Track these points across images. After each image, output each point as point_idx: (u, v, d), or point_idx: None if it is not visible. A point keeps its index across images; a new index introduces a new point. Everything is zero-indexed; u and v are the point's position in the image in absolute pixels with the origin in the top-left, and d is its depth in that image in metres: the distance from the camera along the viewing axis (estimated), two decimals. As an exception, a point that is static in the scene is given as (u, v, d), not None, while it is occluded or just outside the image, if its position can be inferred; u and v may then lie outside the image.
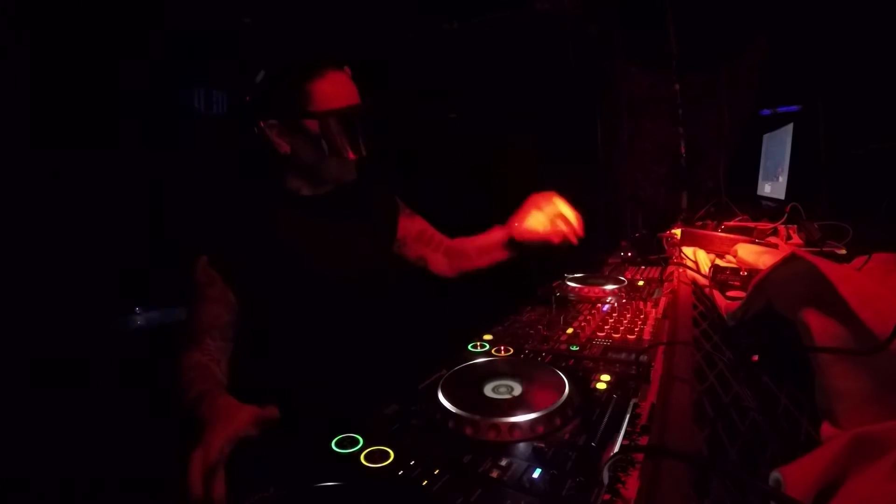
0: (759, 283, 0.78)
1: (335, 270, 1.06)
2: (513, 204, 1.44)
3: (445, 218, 1.46)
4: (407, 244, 1.28)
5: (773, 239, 1.53)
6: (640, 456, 0.53)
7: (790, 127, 1.89)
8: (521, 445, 0.58)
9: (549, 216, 1.14)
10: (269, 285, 1.02)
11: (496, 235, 1.26)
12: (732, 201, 2.14)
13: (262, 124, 0.99)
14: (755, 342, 0.80)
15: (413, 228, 1.28)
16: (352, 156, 1.02)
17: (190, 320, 0.99)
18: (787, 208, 1.59)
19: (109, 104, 2.20)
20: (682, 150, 2.90)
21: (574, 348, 0.90)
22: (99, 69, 2.15)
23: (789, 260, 0.70)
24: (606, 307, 1.17)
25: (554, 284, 1.43)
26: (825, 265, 0.61)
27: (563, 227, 1.12)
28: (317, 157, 1.01)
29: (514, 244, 1.23)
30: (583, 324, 1.04)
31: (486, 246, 1.30)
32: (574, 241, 1.07)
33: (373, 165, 1.17)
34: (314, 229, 1.07)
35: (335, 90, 0.98)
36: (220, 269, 0.99)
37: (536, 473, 0.52)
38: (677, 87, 2.84)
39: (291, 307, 1.03)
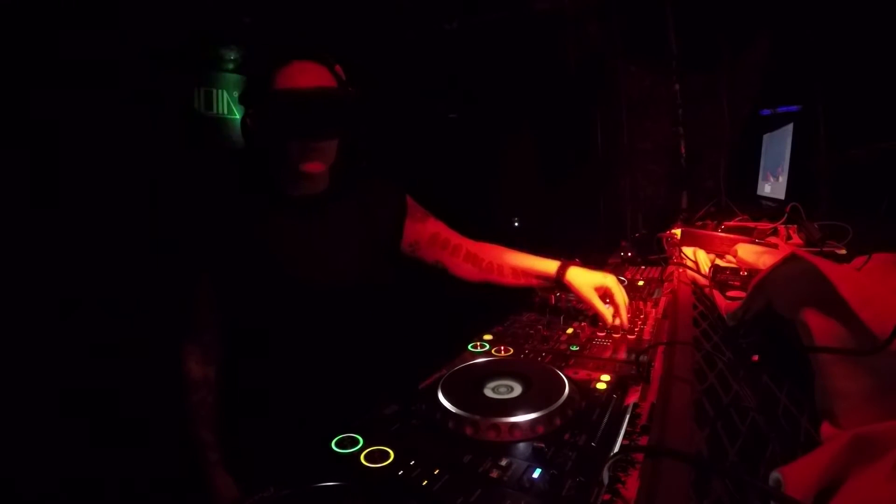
0: (759, 283, 0.78)
1: (323, 274, 1.05)
2: (512, 203, 1.43)
3: (444, 217, 1.45)
4: (421, 248, 1.22)
5: (773, 239, 1.53)
6: (640, 456, 0.53)
7: (790, 127, 1.89)
8: (521, 445, 0.58)
9: (601, 287, 1.06)
10: (257, 289, 1.02)
11: (547, 267, 1.15)
12: (732, 201, 2.14)
13: (245, 116, 1.00)
14: (755, 342, 0.80)
15: (425, 232, 1.21)
16: (300, 141, 0.97)
17: (188, 313, 1.05)
18: (787, 208, 1.59)
19: (108, 103, 2.21)
20: (682, 150, 2.90)
21: (574, 348, 0.90)
22: (98, 68, 2.16)
23: (789, 260, 0.70)
24: (607, 307, 1.17)
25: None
26: (825, 265, 0.61)
27: (602, 307, 1.03)
28: (270, 142, 0.99)
29: (558, 285, 1.14)
30: (583, 324, 1.04)
31: (530, 270, 1.19)
32: (609, 324, 1.00)
33: (371, 166, 1.16)
34: (302, 232, 1.06)
35: (293, 75, 0.96)
36: (209, 271, 1.03)
37: (536, 473, 0.52)
38: (677, 87, 2.84)
39: (283, 310, 1.03)
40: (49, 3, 1.98)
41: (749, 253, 1.32)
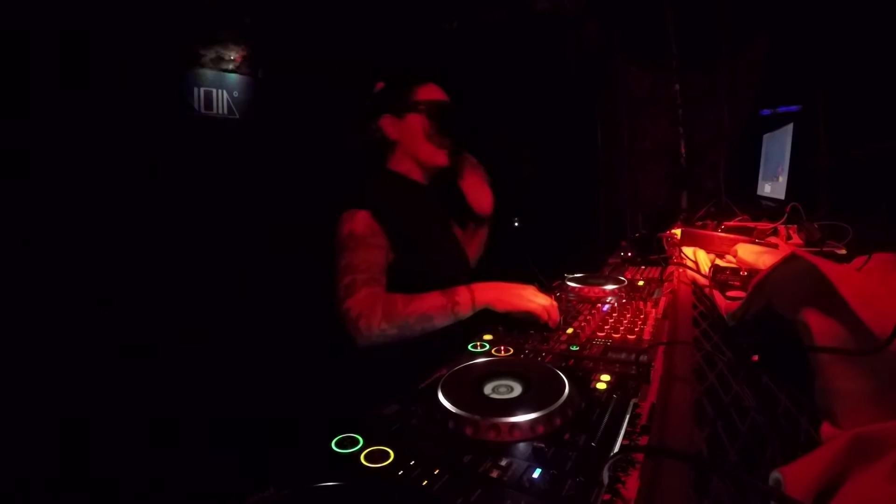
0: (759, 283, 0.78)
1: (447, 244, 1.34)
2: (513, 203, 1.47)
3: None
4: None
5: (773, 239, 1.53)
6: (640, 456, 0.53)
7: (790, 127, 1.89)
8: (521, 445, 0.58)
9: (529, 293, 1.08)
10: (404, 249, 1.19)
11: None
12: (732, 201, 2.14)
13: (379, 120, 1.30)
14: (755, 342, 0.80)
15: None
16: (440, 138, 1.32)
17: (361, 264, 1.10)
18: (787, 208, 1.59)
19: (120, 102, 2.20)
20: (682, 150, 2.90)
21: (574, 348, 0.90)
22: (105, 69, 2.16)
23: (789, 260, 0.70)
24: (606, 307, 1.17)
25: (554, 284, 1.43)
26: (825, 265, 0.61)
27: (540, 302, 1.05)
28: (414, 140, 1.31)
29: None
30: (583, 324, 1.04)
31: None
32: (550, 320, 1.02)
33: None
34: (428, 209, 1.35)
35: (433, 93, 1.34)
36: (382, 221, 1.16)
37: (536, 473, 0.52)
38: (677, 87, 2.84)
39: (414, 281, 1.14)
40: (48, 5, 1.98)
41: (749, 253, 1.32)
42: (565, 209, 3.20)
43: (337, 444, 0.58)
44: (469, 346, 0.93)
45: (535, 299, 1.03)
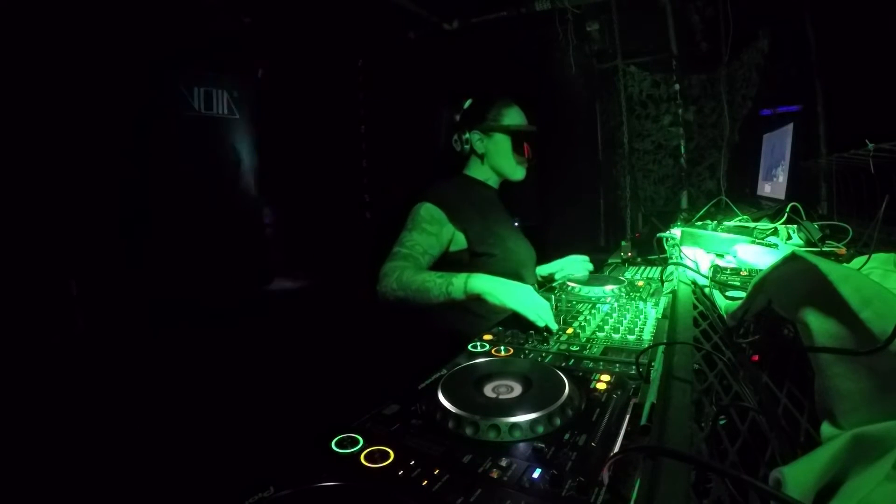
0: (759, 283, 0.78)
1: (514, 243, 1.46)
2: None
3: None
4: None
5: (773, 239, 1.53)
6: (640, 456, 0.53)
7: (790, 127, 1.89)
8: (521, 445, 0.58)
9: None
10: (479, 235, 1.37)
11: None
12: (732, 201, 2.14)
13: (467, 134, 1.48)
14: (755, 342, 0.80)
15: None
16: (522, 156, 1.49)
17: (409, 241, 1.29)
18: (787, 208, 1.59)
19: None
20: (682, 150, 2.90)
21: (574, 348, 0.90)
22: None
23: (789, 260, 0.69)
24: (606, 307, 1.17)
25: (554, 284, 1.43)
26: (825, 265, 0.61)
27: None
28: (500, 156, 1.49)
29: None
30: (583, 324, 1.04)
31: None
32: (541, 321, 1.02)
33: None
34: (502, 213, 1.53)
35: (519, 118, 1.51)
36: (450, 213, 1.34)
37: (536, 473, 0.52)
38: (677, 87, 2.84)
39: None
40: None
41: (749, 253, 1.32)
42: (565, 209, 3.20)
43: (337, 444, 0.58)
44: (469, 346, 0.93)
45: (526, 300, 1.03)
